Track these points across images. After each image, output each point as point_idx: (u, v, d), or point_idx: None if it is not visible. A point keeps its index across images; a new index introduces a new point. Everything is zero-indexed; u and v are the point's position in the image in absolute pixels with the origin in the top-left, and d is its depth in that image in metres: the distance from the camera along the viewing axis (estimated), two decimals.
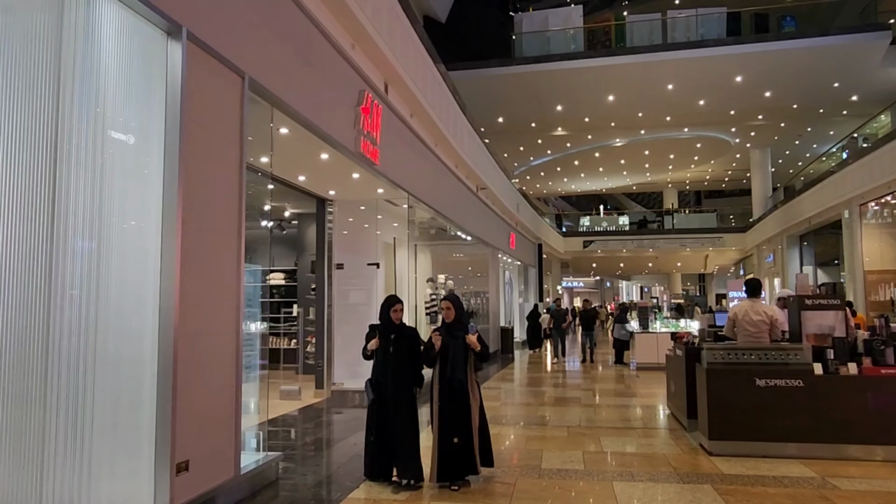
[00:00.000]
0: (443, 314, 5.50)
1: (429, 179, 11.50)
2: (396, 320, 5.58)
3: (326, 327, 10.46)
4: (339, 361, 10.66)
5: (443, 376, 5.33)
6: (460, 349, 5.28)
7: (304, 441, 7.54)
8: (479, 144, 15.15)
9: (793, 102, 23.11)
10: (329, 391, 10.44)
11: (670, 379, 8.86)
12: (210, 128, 4.79)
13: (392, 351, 5.47)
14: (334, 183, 9.50)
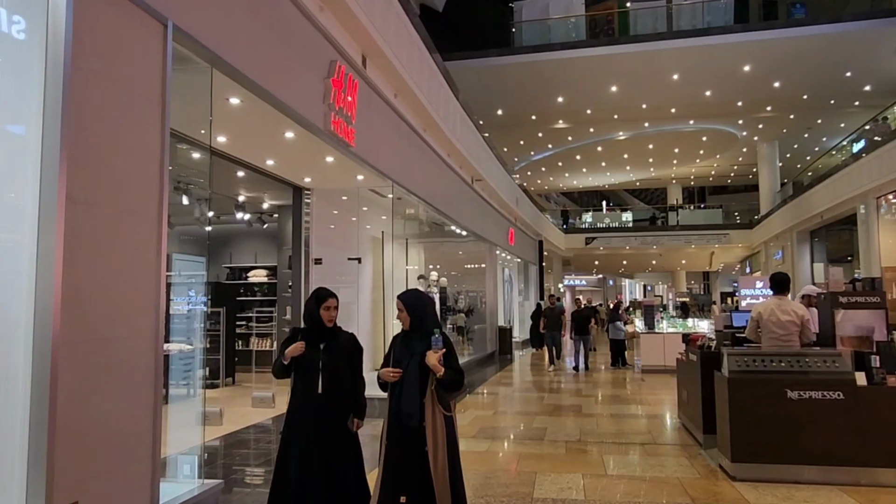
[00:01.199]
0: None
1: (416, 167, 10.50)
2: (329, 321, 3.97)
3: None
4: None
5: (390, 409, 3.66)
6: (414, 370, 3.51)
7: (266, 459, 6.55)
8: (473, 133, 14.14)
9: (803, 93, 22.05)
10: None
11: (682, 386, 7.85)
12: (114, 81, 3.79)
13: (321, 365, 3.84)
14: (308, 168, 8.50)
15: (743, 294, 12.89)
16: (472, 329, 16.67)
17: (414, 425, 3.51)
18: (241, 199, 11.01)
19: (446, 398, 3.59)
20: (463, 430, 7.72)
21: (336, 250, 10.12)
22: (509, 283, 22.27)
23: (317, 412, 3.83)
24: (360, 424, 4.02)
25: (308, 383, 3.88)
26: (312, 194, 9.68)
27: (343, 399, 3.93)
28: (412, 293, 3.81)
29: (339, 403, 3.90)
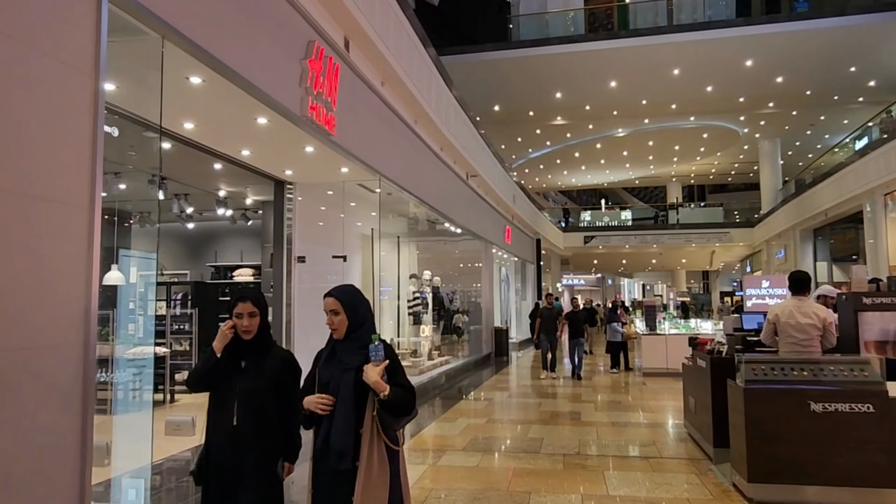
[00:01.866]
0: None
1: (406, 160, 9.90)
2: (245, 333, 2.94)
3: (285, 330, 8.88)
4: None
5: (315, 446, 2.77)
6: (348, 390, 2.66)
7: None
8: (468, 126, 13.54)
9: (806, 88, 21.46)
10: None
11: (688, 393, 7.25)
12: (32, 47, 3.20)
13: (238, 389, 2.90)
14: (287, 160, 7.90)
15: (748, 294, 12.28)
16: (468, 330, 16.07)
17: (347, 467, 2.62)
18: (223, 194, 10.41)
19: (393, 426, 2.70)
20: (453, 440, 7.13)
21: (321, 248, 9.53)
22: (506, 282, 21.68)
23: (232, 453, 2.84)
24: (290, 469, 3.03)
25: (220, 414, 2.92)
26: (295, 188, 9.08)
27: (267, 435, 2.90)
28: (348, 289, 2.86)
29: (261, 441, 2.88)
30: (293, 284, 8.98)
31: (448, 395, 10.89)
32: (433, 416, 8.78)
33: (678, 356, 12.48)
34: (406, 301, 12.56)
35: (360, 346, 2.69)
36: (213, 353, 2.94)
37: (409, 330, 12.66)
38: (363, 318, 2.78)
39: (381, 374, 2.62)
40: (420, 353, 12.48)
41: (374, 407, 2.64)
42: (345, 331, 2.74)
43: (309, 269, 9.19)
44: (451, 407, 9.51)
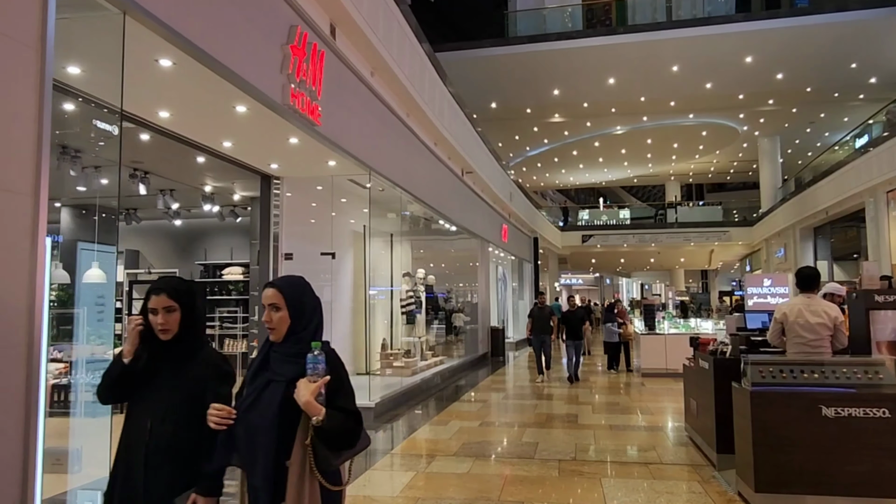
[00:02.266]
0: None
1: (398, 155, 9.58)
2: (163, 331, 2.35)
3: None
4: None
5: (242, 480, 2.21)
6: (272, 408, 2.11)
7: None
8: (463, 121, 13.21)
9: (806, 85, 21.18)
10: None
11: (690, 396, 6.92)
12: None
13: (151, 403, 2.34)
14: (271, 152, 7.56)
15: (750, 293, 11.96)
16: (464, 329, 15.73)
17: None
18: (209, 189, 10.06)
19: (330, 461, 2.08)
20: (445, 445, 6.80)
21: (309, 245, 9.21)
22: (503, 281, 21.35)
23: (141, 483, 2.26)
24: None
25: (130, 435, 2.34)
26: (282, 183, 8.76)
27: (184, 463, 2.30)
28: (295, 280, 2.31)
29: (175, 470, 2.29)
30: None
31: (442, 396, 10.57)
32: (425, 419, 8.45)
33: (678, 356, 12.16)
34: (399, 300, 12.23)
35: (300, 353, 2.11)
36: (118, 359, 2.37)
37: (402, 329, 12.33)
38: (310, 317, 2.22)
39: (316, 393, 2.02)
40: (413, 353, 12.15)
41: (307, 434, 2.04)
42: (285, 331, 2.18)
43: (296, 266, 8.85)
44: (444, 409, 9.18)
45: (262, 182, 8.69)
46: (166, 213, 11.72)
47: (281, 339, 2.20)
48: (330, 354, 2.16)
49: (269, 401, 2.11)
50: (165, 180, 9.53)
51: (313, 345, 2.10)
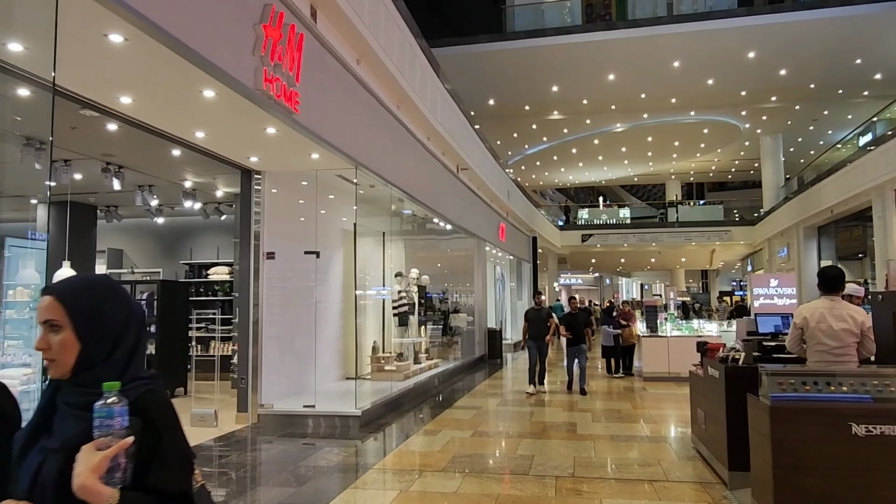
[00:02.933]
0: None
1: (387, 148, 9.06)
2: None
3: (252, 332, 8.03)
4: (269, 376, 8.23)
5: None
6: (48, 492, 1.29)
7: None
8: (457, 115, 12.70)
9: (810, 81, 20.66)
10: (255, 415, 8.01)
11: (697, 405, 6.40)
12: None
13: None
14: (248, 143, 7.04)
15: (755, 294, 11.46)
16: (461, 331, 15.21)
17: None
18: (189, 185, 9.56)
19: None
20: (434, 458, 6.28)
21: (294, 243, 8.70)
22: (501, 281, 20.84)
23: None
24: None
25: None
26: (264, 178, 8.25)
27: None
28: (84, 282, 1.45)
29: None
30: (261, 283, 8.14)
31: (434, 402, 10.05)
32: (415, 428, 7.93)
33: (681, 360, 11.66)
34: (391, 301, 11.71)
35: (90, 395, 1.30)
36: None
37: (394, 332, 11.81)
38: (113, 339, 1.38)
39: (107, 467, 1.23)
40: (406, 356, 11.63)
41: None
42: (71, 365, 1.36)
43: (279, 266, 8.35)
44: (435, 416, 8.66)
45: (242, 177, 8.18)
46: (148, 211, 11.21)
47: (68, 376, 1.36)
48: (145, 399, 1.35)
49: (45, 486, 1.30)
50: (143, 175, 9.02)
51: (105, 387, 1.27)
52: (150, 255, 12.82)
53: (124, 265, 12.73)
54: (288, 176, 8.53)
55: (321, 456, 6.36)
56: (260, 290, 8.10)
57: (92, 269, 11.45)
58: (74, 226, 10.85)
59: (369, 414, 8.10)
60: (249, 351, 8.01)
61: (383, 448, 6.84)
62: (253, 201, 8.13)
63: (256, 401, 8.01)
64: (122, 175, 8.30)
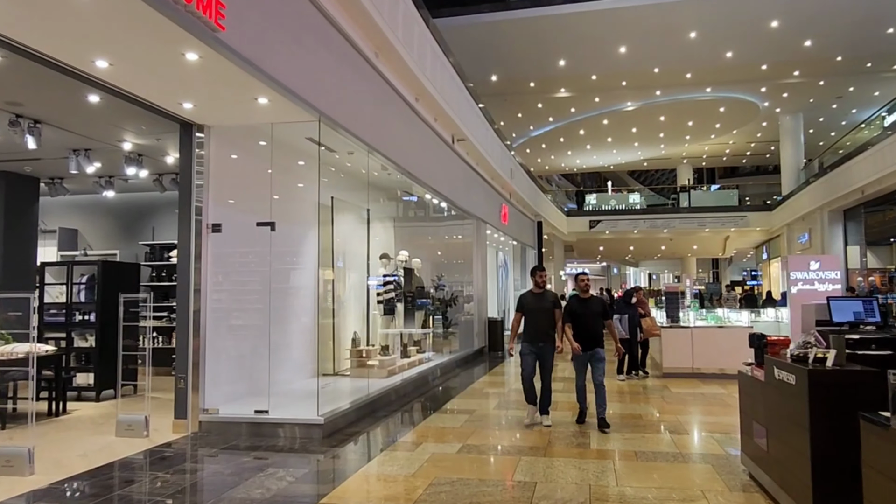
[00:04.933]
0: None
1: (363, 103, 7.47)
2: None
3: (193, 322, 6.48)
4: (214, 374, 6.69)
5: None
6: None
7: None
8: (452, 76, 11.07)
9: (836, 54, 18.87)
10: (195, 422, 6.47)
11: (754, 418, 4.77)
12: None
13: None
14: (168, 78, 5.42)
15: (794, 278, 9.83)
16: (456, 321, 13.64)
17: None
18: (128, 147, 7.99)
19: None
20: (405, 487, 4.72)
21: (247, 216, 7.11)
22: (504, 268, 19.23)
23: None
24: None
25: None
26: (208, 135, 6.65)
27: None
28: None
29: None
30: (204, 263, 6.58)
31: (420, 404, 8.49)
32: (389, 440, 6.37)
33: (706, 354, 10.06)
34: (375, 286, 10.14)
35: None
36: None
37: (380, 322, 10.25)
38: None
39: None
40: (392, 349, 10.08)
41: None
42: None
43: (226, 240, 6.78)
44: (418, 424, 7.09)
45: (181, 132, 6.59)
46: (96, 184, 9.67)
47: None
48: None
49: None
50: (70, 135, 7.46)
51: None
52: (108, 236, 11.30)
53: (79, 246, 11.21)
54: (239, 133, 6.96)
55: (258, 482, 4.81)
56: (203, 272, 6.54)
57: (32, 250, 9.94)
58: (9, 200, 9.34)
59: (335, 421, 6.54)
60: (189, 344, 6.45)
61: (342, 471, 5.27)
62: (194, 162, 6.55)
63: (197, 405, 6.46)
64: (37, 131, 6.74)
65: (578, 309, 6.88)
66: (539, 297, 6.96)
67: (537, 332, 6.84)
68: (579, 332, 6.82)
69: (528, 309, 6.95)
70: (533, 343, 6.84)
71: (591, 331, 6.82)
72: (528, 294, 7.10)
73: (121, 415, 6.39)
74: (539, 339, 6.81)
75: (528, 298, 7.02)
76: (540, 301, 6.93)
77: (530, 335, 6.90)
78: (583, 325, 6.84)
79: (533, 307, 6.91)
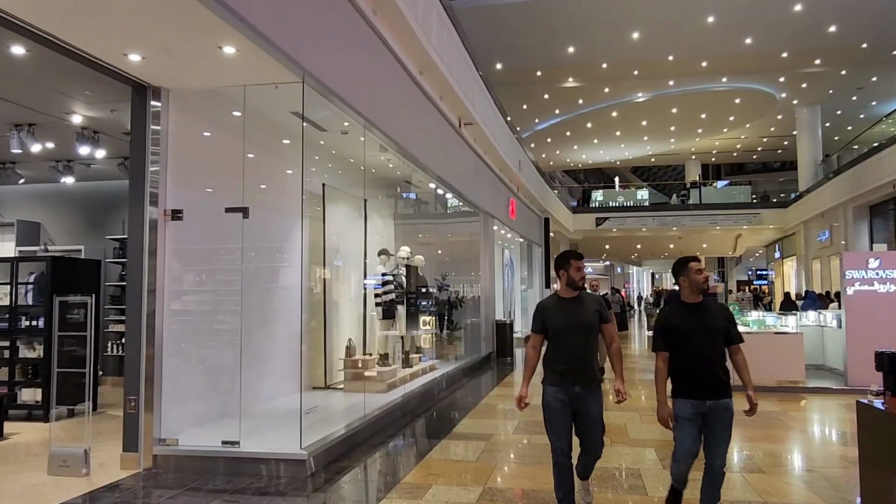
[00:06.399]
0: None
1: (357, 65, 6.17)
2: None
3: (146, 329, 5.16)
4: (173, 394, 5.38)
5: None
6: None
7: None
8: (460, 50, 9.76)
9: (862, 41, 17.63)
10: (148, 456, 5.15)
11: (893, 472, 3.46)
12: None
13: None
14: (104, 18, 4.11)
15: (849, 277, 8.54)
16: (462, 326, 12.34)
17: None
18: (78, 120, 6.65)
19: None
20: None
21: (216, 199, 5.81)
22: (510, 267, 17.93)
23: None
24: None
25: None
26: (167, 100, 5.33)
27: None
28: None
29: None
30: (161, 256, 5.26)
31: (426, 426, 7.19)
32: (390, 480, 5.05)
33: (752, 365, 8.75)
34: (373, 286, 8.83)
35: None
36: None
37: (378, 326, 8.94)
38: None
39: None
40: (393, 358, 8.79)
41: None
42: None
43: (190, 229, 5.47)
44: (424, 455, 5.76)
45: (132, 96, 5.28)
46: (54, 169, 8.36)
47: None
48: None
49: None
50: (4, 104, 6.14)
51: None
52: (72, 230, 9.97)
53: (41, 240, 9.89)
54: (206, 100, 5.65)
55: None
56: (160, 268, 5.22)
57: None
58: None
59: (324, 454, 5.24)
60: (141, 357, 5.14)
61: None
62: (148, 132, 5.23)
63: (151, 434, 5.14)
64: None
65: (685, 323, 3.62)
66: (572, 306, 3.85)
67: (577, 365, 3.77)
68: (687, 365, 3.59)
69: (556, 328, 3.81)
70: (566, 387, 3.75)
71: (709, 363, 3.56)
72: (553, 301, 3.97)
73: (54, 447, 5.07)
74: (581, 379, 3.76)
75: (553, 308, 3.90)
76: (575, 312, 3.82)
77: (563, 373, 3.77)
78: (695, 352, 3.57)
79: (563, 324, 3.80)
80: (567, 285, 3.90)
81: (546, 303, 4.03)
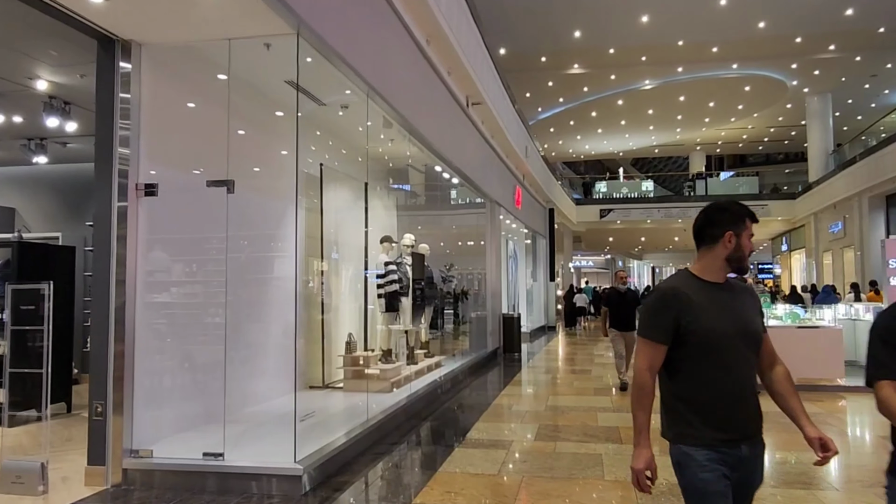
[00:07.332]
0: None
1: (360, 24, 5.41)
2: None
3: (115, 324, 4.41)
4: (149, 397, 4.63)
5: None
6: None
7: None
8: (469, 24, 9.00)
9: (879, 25, 16.90)
10: (119, 470, 4.40)
11: None
12: None
13: None
14: None
15: (892, 266, 7.83)
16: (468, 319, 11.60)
17: None
18: (44, 87, 5.88)
19: None
20: None
21: (198, 173, 5.06)
22: (514, 259, 17.19)
23: None
24: None
25: None
26: (139, 56, 4.57)
27: None
28: None
29: None
30: (133, 240, 4.50)
31: (433, 433, 6.46)
32: (400, 500, 4.31)
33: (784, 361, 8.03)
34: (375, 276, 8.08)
35: None
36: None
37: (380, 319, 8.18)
38: None
39: None
40: (397, 354, 8.05)
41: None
42: None
43: (166, 205, 4.72)
44: (436, 468, 5.01)
45: (98, 51, 4.51)
46: (26, 147, 7.58)
47: None
48: None
49: None
50: None
51: None
52: (49, 216, 9.21)
53: (15, 227, 9.12)
54: (185, 58, 4.89)
55: None
56: (131, 251, 4.46)
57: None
58: None
59: (322, 467, 4.50)
60: (109, 355, 4.39)
61: None
62: (117, 92, 4.46)
63: (120, 444, 4.39)
64: None
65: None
66: (727, 299, 2.10)
67: (739, 411, 2.08)
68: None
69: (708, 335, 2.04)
70: (730, 445, 2.05)
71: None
72: (691, 284, 2.11)
73: (7, 460, 4.32)
74: (745, 433, 2.08)
75: (696, 299, 2.05)
76: (733, 309, 2.09)
77: (720, 420, 2.06)
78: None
79: (722, 328, 2.04)
80: (727, 260, 2.08)
81: (677, 286, 2.11)
